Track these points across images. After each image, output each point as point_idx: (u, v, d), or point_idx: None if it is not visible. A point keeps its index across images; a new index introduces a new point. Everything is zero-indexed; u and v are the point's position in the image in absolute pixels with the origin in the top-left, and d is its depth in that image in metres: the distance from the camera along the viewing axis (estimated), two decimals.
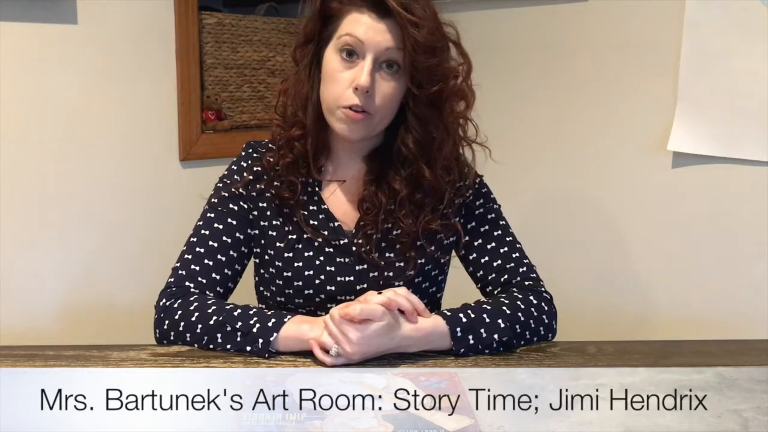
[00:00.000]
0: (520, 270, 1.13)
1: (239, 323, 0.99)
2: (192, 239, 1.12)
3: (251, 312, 1.01)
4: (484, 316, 1.02)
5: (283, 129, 1.12)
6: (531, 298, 1.08)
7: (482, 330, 1.00)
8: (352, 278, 1.11)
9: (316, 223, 1.12)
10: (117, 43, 1.71)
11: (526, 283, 1.12)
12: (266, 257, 1.14)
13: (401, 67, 1.04)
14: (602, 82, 1.82)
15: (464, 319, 1.01)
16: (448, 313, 1.01)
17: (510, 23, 1.98)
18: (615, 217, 1.85)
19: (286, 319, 0.99)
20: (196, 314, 1.02)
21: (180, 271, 1.09)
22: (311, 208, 1.12)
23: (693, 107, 1.64)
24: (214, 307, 1.02)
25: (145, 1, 1.74)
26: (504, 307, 1.04)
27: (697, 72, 1.63)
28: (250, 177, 1.13)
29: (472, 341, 0.99)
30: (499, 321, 1.02)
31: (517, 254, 1.15)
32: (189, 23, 1.82)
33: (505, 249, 1.14)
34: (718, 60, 1.59)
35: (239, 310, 1.01)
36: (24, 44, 1.56)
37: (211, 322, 1.00)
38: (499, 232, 1.16)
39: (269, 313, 1.01)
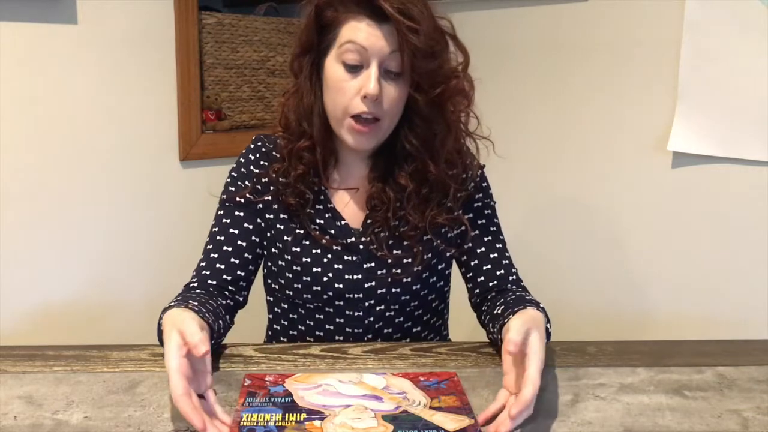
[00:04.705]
0: (510, 278, 1.14)
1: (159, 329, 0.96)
2: (206, 239, 1.13)
3: (160, 320, 0.95)
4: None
5: (288, 141, 1.10)
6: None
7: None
8: (360, 276, 1.11)
9: (322, 222, 1.12)
10: (117, 43, 1.71)
11: (519, 288, 1.14)
12: (274, 250, 1.14)
13: (404, 71, 1.03)
14: (602, 82, 1.83)
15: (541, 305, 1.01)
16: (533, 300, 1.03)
17: (510, 23, 1.98)
18: (615, 216, 1.85)
19: (163, 327, 0.91)
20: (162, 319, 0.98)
21: (194, 271, 1.11)
22: (317, 206, 1.12)
23: (693, 107, 1.64)
24: (163, 315, 0.96)
25: (145, 1, 1.74)
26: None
27: (697, 72, 1.63)
28: (255, 180, 1.13)
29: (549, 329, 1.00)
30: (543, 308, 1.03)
31: (507, 261, 1.16)
32: (189, 23, 1.82)
33: (495, 255, 1.15)
34: (718, 60, 1.59)
35: (162, 318, 0.95)
36: (24, 44, 1.56)
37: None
38: (494, 229, 1.17)
39: (160, 320, 0.95)
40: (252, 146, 1.17)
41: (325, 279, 1.10)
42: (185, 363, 0.79)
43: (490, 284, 1.13)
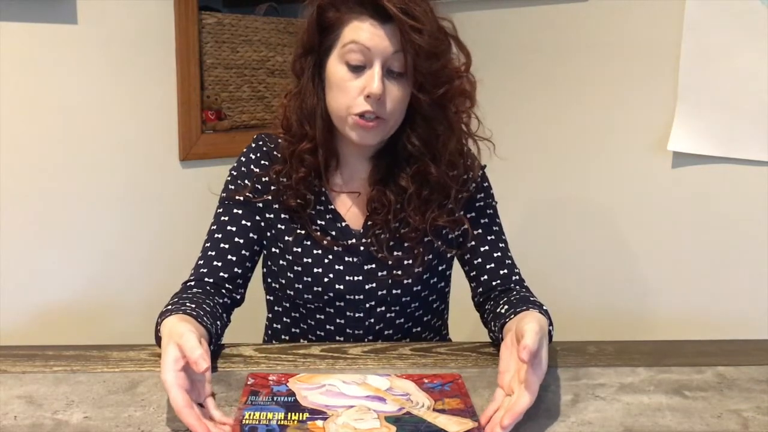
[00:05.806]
0: (513, 278, 1.14)
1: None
2: (205, 238, 1.13)
3: (158, 325, 0.95)
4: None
5: (290, 143, 1.10)
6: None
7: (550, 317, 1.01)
8: (360, 278, 1.11)
9: (323, 223, 1.12)
10: (117, 43, 1.71)
11: (522, 288, 1.14)
12: (274, 250, 1.14)
13: (407, 70, 1.02)
14: (602, 82, 1.83)
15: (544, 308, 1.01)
16: (539, 304, 1.02)
17: (510, 23, 1.98)
18: (615, 216, 1.85)
19: (161, 334, 0.90)
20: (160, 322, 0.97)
21: (192, 269, 1.11)
22: (318, 208, 1.12)
23: (693, 107, 1.64)
24: (161, 322, 0.95)
25: (145, 1, 1.74)
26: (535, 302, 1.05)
27: (697, 72, 1.63)
28: (255, 179, 1.13)
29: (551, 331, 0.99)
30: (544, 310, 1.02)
31: (510, 261, 1.16)
32: (189, 23, 1.82)
33: (498, 254, 1.15)
34: (718, 60, 1.59)
35: (160, 325, 0.94)
36: (24, 44, 1.56)
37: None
38: (496, 228, 1.16)
39: (157, 327, 0.95)
40: (253, 145, 1.16)
41: (325, 280, 1.10)
42: (182, 376, 0.79)
43: (494, 283, 1.13)
